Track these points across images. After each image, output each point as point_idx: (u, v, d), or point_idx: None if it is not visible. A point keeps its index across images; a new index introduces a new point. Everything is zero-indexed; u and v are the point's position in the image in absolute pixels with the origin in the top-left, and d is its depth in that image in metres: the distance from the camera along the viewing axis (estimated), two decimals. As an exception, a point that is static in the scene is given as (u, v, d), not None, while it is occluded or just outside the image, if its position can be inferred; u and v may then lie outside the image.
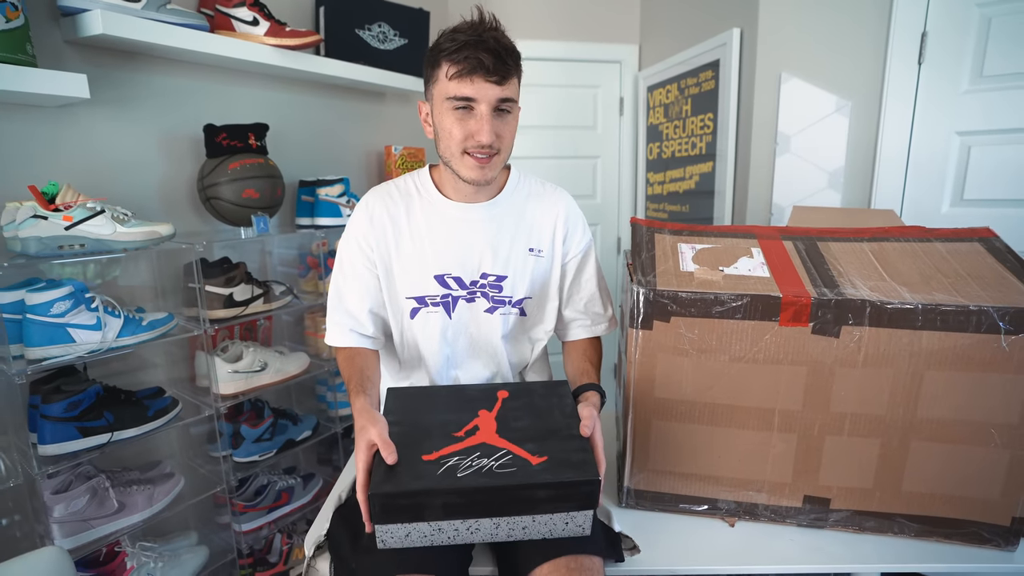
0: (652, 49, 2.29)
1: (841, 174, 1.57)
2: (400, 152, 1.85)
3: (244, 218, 1.38)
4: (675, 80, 2.09)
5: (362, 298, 0.99)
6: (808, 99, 1.58)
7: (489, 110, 0.87)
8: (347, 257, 1.00)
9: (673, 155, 2.16)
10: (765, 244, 0.95)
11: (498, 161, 0.92)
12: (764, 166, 1.68)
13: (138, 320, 1.16)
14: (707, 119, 1.91)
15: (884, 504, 0.85)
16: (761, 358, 0.84)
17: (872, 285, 0.82)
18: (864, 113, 1.52)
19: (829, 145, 1.57)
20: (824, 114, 1.56)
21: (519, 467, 0.71)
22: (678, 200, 2.16)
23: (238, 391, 1.38)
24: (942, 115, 1.40)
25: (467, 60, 0.84)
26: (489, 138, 0.87)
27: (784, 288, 0.83)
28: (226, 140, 1.34)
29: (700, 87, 1.93)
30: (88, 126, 1.20)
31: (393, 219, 0.98)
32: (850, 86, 1.52)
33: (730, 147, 1.79)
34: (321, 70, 1.55)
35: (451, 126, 0.89)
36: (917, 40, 1.40)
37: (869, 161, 1.52)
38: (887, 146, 1.47)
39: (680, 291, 0.83)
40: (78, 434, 1.06)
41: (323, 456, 1.79)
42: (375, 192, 1.02)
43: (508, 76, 0.87)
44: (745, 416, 0.87)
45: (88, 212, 1.06)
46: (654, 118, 2.27)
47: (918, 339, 0.78)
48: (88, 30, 1.08)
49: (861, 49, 1.49)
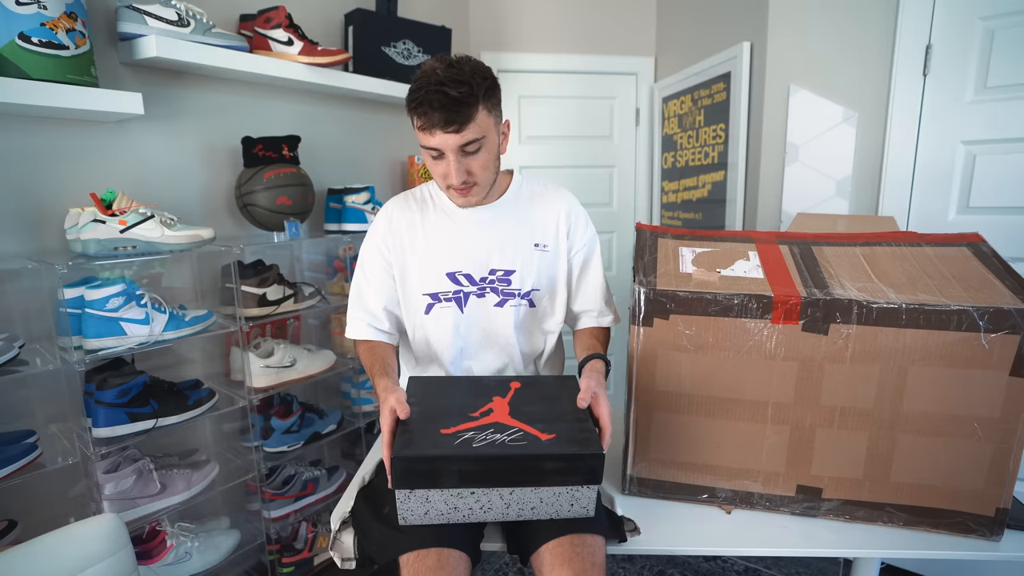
0: (667, 62, 2.35)
1: (849, 183, 1.61)
2: (423, 163, 1.95)
3: (277, 223, 1.48)
4: (689, 92, 2.15)
5: (378, 296, 1.10)
6: (816, 110, 1.62)
7: (455, 155, 0.95)
8: (368, 259, 1.12)
9: (687, 164, 2.22)
10: (762, 248, 1.01)
11: (479, 189, 1.02)
12: (774, 175, 1.73)
13: (181, 316, 1.27)
14: (719, 129, 1.97)
15: (874, 494, 0.90)
16: (755, 354, 0.89)
17: (860, 286, 0.88)
18: (871, 124, 1.56)
19: (837, 155, 1.61)
20: (832, 124, 1.61)
21: (529, 441, 0.79)
22: (691, 208, 2.21)
23: (269, 385, 1.47)
24: (947, 125, 1.44)
25: (424, 116, 0.90)
26: (458, 179, 0.97)
27: (776, 288, 0.89)
28: (262, 151, 1.45)
29: (712, 98, 1.99)
30: (140, 139, 1.33)
31: (409, 223, 1.09)
32: (857, 97, 1.57)
33: (741, 156, 1.84)
34: (350, 85, 1.66)
35: (431, 166, 1.00)
36: (922, 52, 1.44)
37: (876, 170, 1.56)
38: (893, 155, 1.51)
39: (679, 291, 0.90)
40: (127, 419, 1.17)
41: (347, 451, 1.88)
42: (394, 200, 1.14)
43: (465, 122, 0.91)
44: (740, 409, 0.93)
45: (140, 217, 1.18)
46: (669, 128, 2.33)
47: (902, 337, 0.83)
48: (143, 53, 1.20)
49: (867, 61, 1.53)
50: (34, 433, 1.12)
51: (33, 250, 1.18)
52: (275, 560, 1.55)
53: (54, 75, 1.08)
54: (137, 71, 1.30)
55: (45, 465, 1.10)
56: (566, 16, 2.37)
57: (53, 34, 1.07)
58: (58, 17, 1.08)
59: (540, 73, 2.36)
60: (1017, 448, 0.83)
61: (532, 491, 0.80)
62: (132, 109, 1.15)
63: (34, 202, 1.18)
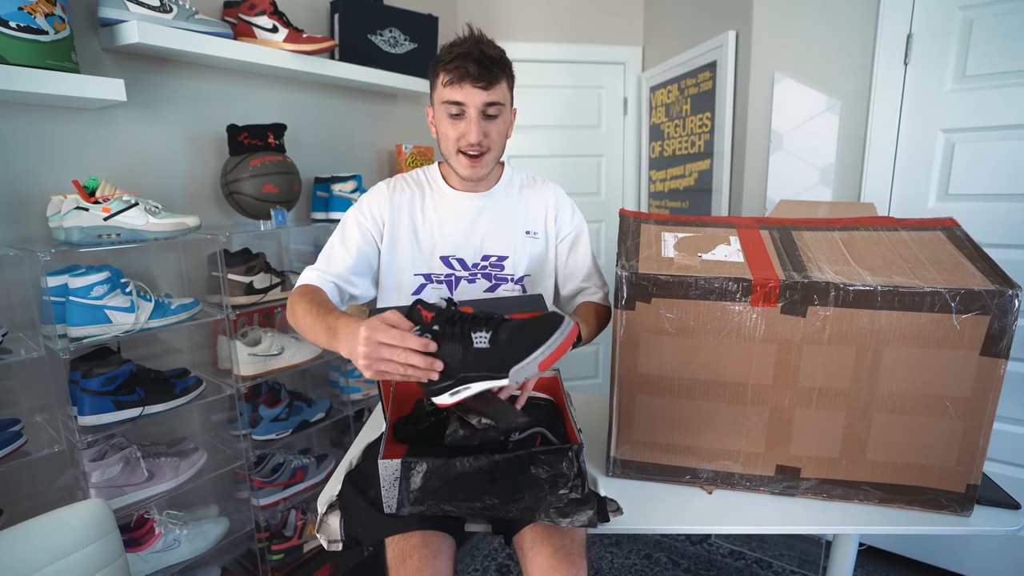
0: (654, 51, 2.36)
1: (832, 170, 1.63)
2: (410, 151, 1.95)
3: (263, 212, 1.48)
4: (676, 81, 2.15)
5: (345, 264, 1.06)
6: (800, 98, 1.63)
7: (477, 113, 0.98)
8: (352, 223, 1.08)
9: (674, 153, 2.23)
10: (743, 233, 1.02)
11: (489, 159, 1.04)
12: (759, 163, 1.74)
13: (167, 304, 1.26)
14: (705, 118, 1.98)
15: (850, 472, 0.92)
16: (735, 336, 0.91)
17: (837, 269, 0.89)
18: (853, 112, 1.57)
19: (820, 142, 1.63)
20: (815, 113, 1.62)
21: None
22: (679, 197, 2.23)
23: (257, 373, 1.47)
24: (927, 113, 1.45)
25: (456, 69, 0.96)
26: (477, 137, 0.99)
27: (755, 272, 0.90)
28: (247, 139, 1.44)
29: (699, 87, 2.00)
30: (123, 126, 1.32)
31: (410, 201, 1.10)
32: (840, 86, 1.58)
33: (727, 145, 1.85)
34: (336, 73, 1.64)
35: (446, 128, 1.02)
36: (903, 42, 1.46)
37: (859, 157, 1.58)
38: (875, 143, 1.53)
39: (660, 274, 0.91)
40: (113, 407, 1.17)
41: (335, 439, 1.89)
42: (393, 179, 1.14)
43: (494, 82, 0.98)
44: (721, 391, 0.94)
45: (124, 204, 1.17)
46: (656, 117, 2.34)
47: (877, 318, 0.85)
48: (125, 39, 1.19)
49: (850, 50, 1.55)
50: (18, 422, 1.11)
51: (15, 238, 1.17)
52: (264, 548, 1.55)
53: (33, 60, 1.06)
54: (119, 57, 1.28)
55: (30, 453, 1.10)
56: (554, 5, 2.36)
57: (32, 19, 1.05)
58: (36, 1, 1.06)
59: (528, 62, 2.35)
60: (987, 426, 0.85)
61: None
62: (114, 96, 1.14)
63: (15, 189, 1.16)
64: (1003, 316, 0.80)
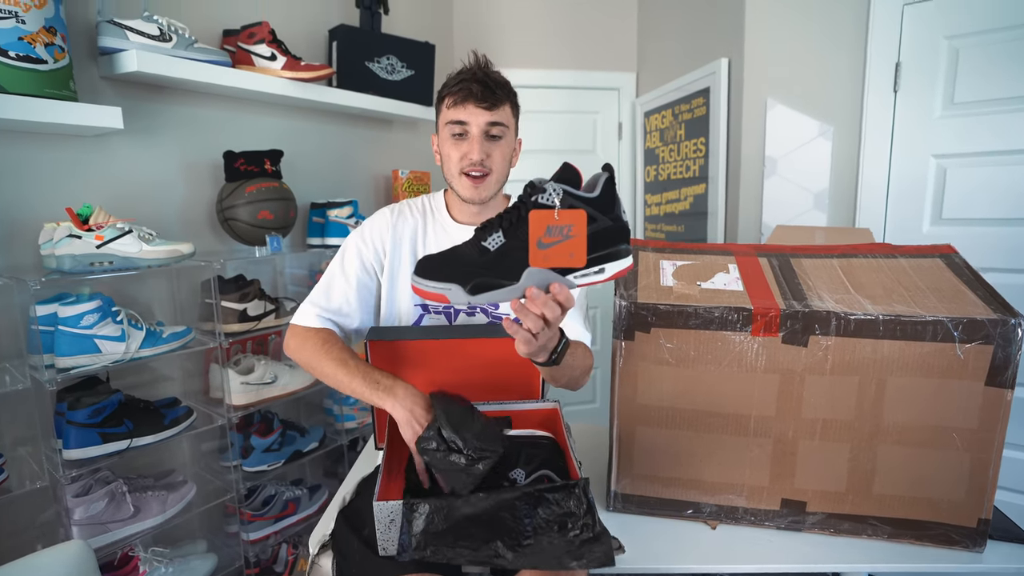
0: (648, 77, 2.39)
1: (826, 195, 1.64)
2: (407, 176, 1.95)
3: (259, 238, 1.46)
4: (670, 106, 2.17)
5: (346, 296, 1.05)
6: (793, 124, 1.65)
7: (480, 132, 0.99)
8: (353, 253, 1.07)
9: (669, 177, 2.23)
10: (741, 260, 1.01)
11: (491, 181, 1.03)
12: (753, 187, 1.75)
13: (158, 333, 1.24)
14: (699, 143, 1.99)
15: (857, 507, 0.90)
16: (736, 366, 0.89)
17: (838, 298, 0.88)
18: (845, 137, 1.59)
19: (814, 167, 1.64)
20: (808, 138, 1.63)
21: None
22: (674, 220, 2.23)
23: (249, 402, 1.44)
24: (918, 139, 1.47)
25: (460, 91, 0.98)
26: (479, 155, 0.98)
27: (756, 301, 0.89)
28: (244, 165, 1.43)
29: (693, 113, 2.01)
30: (120, 153, 1.31)
31: (412, 230, 1.09)
32: (831, 112, 1.60)
33: (721, 170, 1.86)
34: (333, 100, 1.65)
35: (449, 150, 1.02)
36: (892, 70, 1.48)
37: (852, 183, 1.59)
38: (868, 168, 1.54)
39: (659, 304, 0.90)
40: (100, 440, 1.13)
41: (329, 469, 1.84)
42: (396, 206, 1.13)
43: (498, 103, 0.99)
44: (723, 422, 0.92)
45: (117, 232, 1.15)
46: (651, 142, 2.36)
47: (880, 348, 0.84)
48: (124, 67, 1.19)
49: (841, 77, 1.57)
50: (0, 456, 1.08)
51: (5, 266, 1.15)
52: (254, 583, 1.50)
53: (32, 89, 1.05)
54: (117, 85, 1.28)
55: (12, 489, 1.06)
56: (549, 32, 2.39)
57: (31, 48, 1.05)
58: (37, 31, 1.06)
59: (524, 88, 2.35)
60: (996, 458, 0.83)
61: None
62: (111, 123, 1.13)
63: (8, 217, 1.15)
64: (1007, 345, 0.79)
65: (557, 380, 0.93)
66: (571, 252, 0.67)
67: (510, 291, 0.69)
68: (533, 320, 0.69)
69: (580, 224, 0.66)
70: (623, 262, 0.70)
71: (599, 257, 0.68)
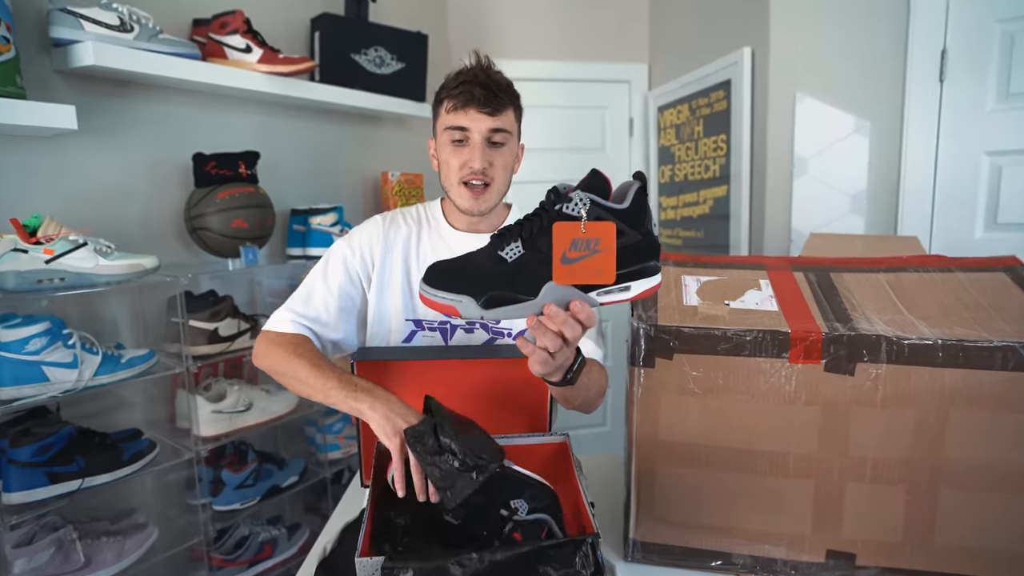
0: (662, 68, 2.35)
1: (863, 197, 1.59)
2: (397, 179, 1.91)
3: (232, 249, 1.42)
4: (686, 100, 2.14)
5: (326, 304, 1.02)
6: (825, 120, 1.61)
7: (481, 139, 0.98)
8: (338, 260, 1.04)
9: (686, 178, 2.20)
10: (774, 276, 0.96)
11: (492, 192, 1.01)
12: (781, 189, 1.70)
13: (117, 357, 1.19)
14: (720, 140, 1.95)
15: (915, 560, 0.84)
16: (771, 398, 0.84)
17: (888, 319, 0.83)
18: (885, 134, 1.55)
19: (849, 167, 1.60)
20: (842, 135, 1.59)
21: None
22: (692, 225, 2.18)
23: (220, 433, 1.39)
24: (969, 135, 1.42)
25: (461, 94, 0.97)
26: (480, 164, 0.98)
27: (793, 322, 0.84)
28: (215, 169, 1.40)
29: (712, 107, 1.98)
30: (76, 156, 1.26)
31: (406, 239, 1.07)
32: (869, 106, 1.56)
33: (745, 170, 1.82)
34: (315, 96, 1.62)
35: (448, 156, 1.01)
36: (937, 57, 1.44)
37: (893, 184, 1.54)
38: (911, 168, 1.50)
39: (683, 326, 0.85)
40: (47, 480, 1.08)
41: (311, 504, 1.79)
42: (389, 213, 1.12)
43: (501, 109, 0.98)
44: (757, 460, 0.87)
45: (70, 245, 1.11)
46: (665, 139, 2.32)
47: (940, 377, 0.78)
48: (79, 61, 1.15)
49: (879, 67, 1.53)
50: (-68, 501, 1.03)
51: (-59, 285, 1.10)
52: (225, 638, 1.44)
53: (-29, 85, 1.01)
54: (73, 81, 1.24)
55: (-55, 539, 1.00)
56: (552, 20, 2.36)
57: (-30, 40, 1.01)
58: (-23, 22, 1.02)
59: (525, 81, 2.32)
60: (1076, 504, 0.77)
61: None
62: (63, 123, 1.09)
63: (-55, 229, 1.10)
64: (1090, 375, 0.74)
65: (571, 402, 0.91)
66: (599, 269, 0.65)
67: (527, 307, 0.67)
68: (551, 339, 0.67)
69: (609, 238, 0.64)
70: (651, 280, 0.68)
71: (626, 274, 0.67)
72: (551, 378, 0.75)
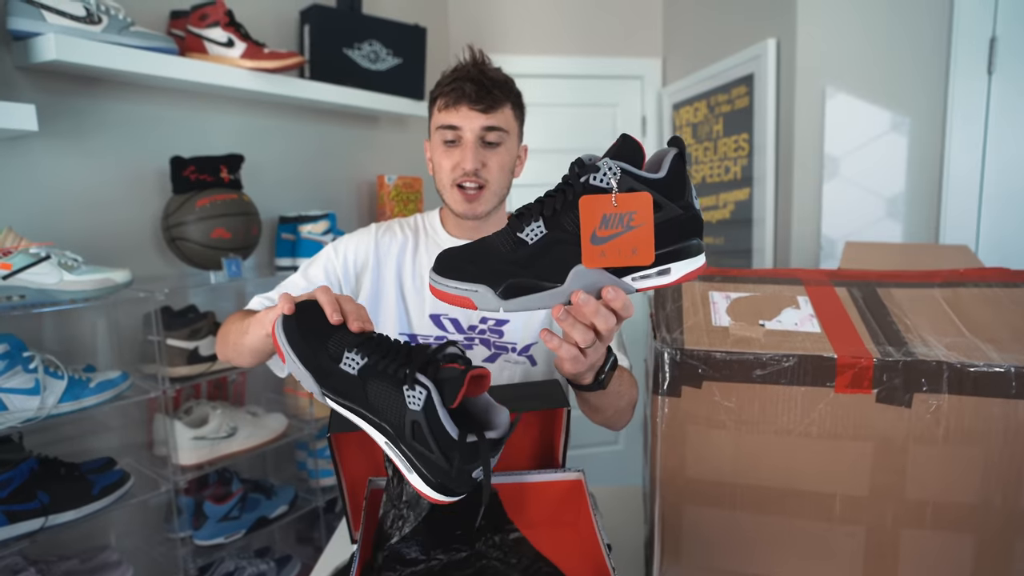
0: (677, 63, 2.30)
1: (901, 201, 1.52)
2: (394, 183, 1.85)
3: (213, 261, 1.36)
4: (704, 97, 2.08)
5: None
6: (858, 116, 1.55)
7: (474, 139, 0.96)
8: (318, 264, 1.03)
9: (704, 181, 2.14)
10: (814, 292, 0.89)
11: (487, 195, 0.99)
12: (809, 193, 1.64)
13: (84, 382, 1.13)
14: (742, 140, 1.89)
15: (982, 618, 0.76)
16: (815, 432, 0.77)
17: (949, 342, 0.76)
18: (926, 130, 1.48)
19: (886, 168, 1.54)
20: (878, 133, 1.54)
21: None
22: (711, 231, 2.12)
23: (202, 461, 1.34)
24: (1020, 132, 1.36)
25: (453, 91, 0.95)
26: (472, 164, 0.95)
27: (839, 346, 0.77)
28: (194, 174, 1.35)
29: (732, 104, 1.92)
30: (39, 161, 1.21)
31: (400, 250, 1.05)
32: (908, 100, 1.49)
33: (769, 171, 1.76)
34: (305, 94, 1.57)
35: (441, 158, 0.99)
36: (985, 46, 1.38)
37: (935, 186, 1.48)
38: (955, 168, 1.43)
39: (713, 351, 0.78)
40: (4, 519, 1.03)
41: (303, 534, 1.73)
42: (386, 223, 1.10)
43: (495, 105, 0.95)
44: (798, 503, 0.80)
45: (30, 259, 1.05)
46: (681, 139, 2.26)
47: (1014, 410, 0.71)
48: (40, 56, 1.09)
49: (919, 57, 1.47)
50: None
51: None
52: None
53: (-80, 84, 0.96)
54: (36, 78, 1.19)
55: None
56: (559, 13, 2.32)
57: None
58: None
59: (531, 78, 2.29)
60: None
61: None
62: (21, 124, 1.03)
63: None
64: None
65: (600, 412, 0.87)
66: (634, 247, 0.58)
67: (552, 295, 0.60)
68: (581, 332, 0.61)
69: (645, 211, 0.57)
70: (695, 261, 0.60)
71: (665, 254, 0.59)
72: (582, 380, 0.71)
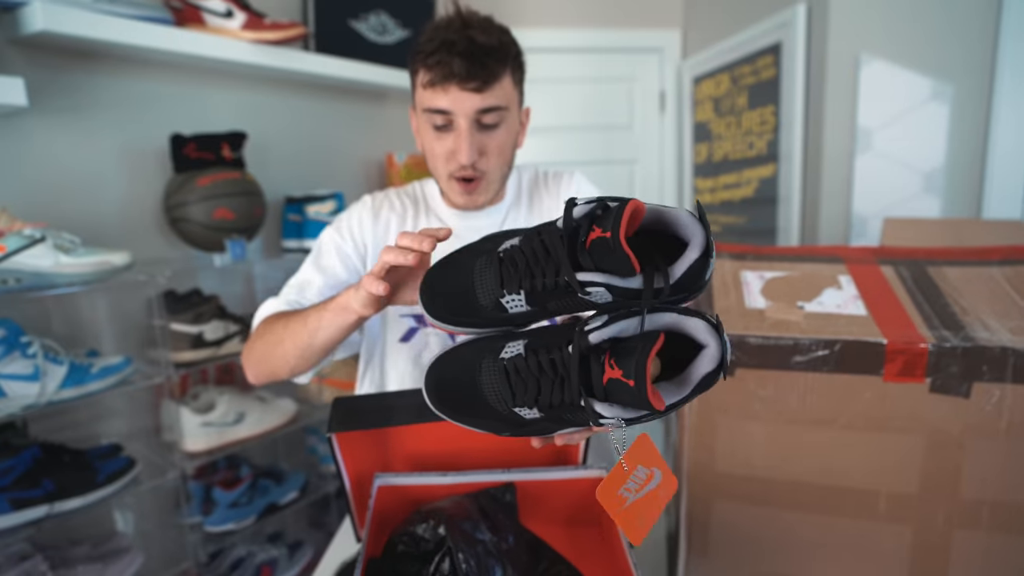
0: (698, 34, 2.20)
1: (940, 175, 1.44)
2: (404, 161, 1.79)
3: (216, 242, 1.32)
4: (727, 69, 1.99)
5: (323, 294, 0.92)
6: (895, 85, 1.46)
7: (469, 124, 0.84)
8: (329, 247, 0.96)
9: (726, 157, 2.06)
10: (856, 271, 0.82)
11: (487, 184, 0.91)
12: (840, 168, 1.56)
13: (86, 367, 1.09)
14: (767, 113, 1.81)
15: (1041, 626, 0.70)
16: (859, 424, 0.72)
17: (1014, 326, 0.69)
18: (969, 99, 1.40)
19: (923, 140, 1.45)
20: (916, 103, 1.45)
21: None
22: (734, 210, 2.04)
23: (210, 447, 1.31)
24: (1073, 99, 1.26)
25: (438, 65, 0.81)
26: (469, 157, 0.84)
27: (889, 330, 0.70)
28: (195, 152, 1.30)
29: (758, 76, 1.83)
30: (31, 139, 1.17)
31: (400, 222, 0.99)
32: (949, 67, 1.40)
33: (797, 146, 1.68)
34: (309, 68, 1.51)
35: (431, 143, 0.88)
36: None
37: (978, 159, 1.39)
38: (1000, 141, 1.35)
39: (747, 335, 0.72)
40: (9, 507, 1.00)
41: (315, 519, 1.71)
42: (379, 193, 1.03)
43: (490, 80, 0.82)
44: (839, 500, 0.75)
45: (25, 241, 1.01)
46: (702, 114, 2.18)
47: (1086, 402, 0.64)
48: (28, 27, 1.04)
49: (962, 21, 1.37)
50: None
51: None
52: (219, 673, 1.36)
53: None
54: (27, 51, 1.14)
55: None
56: (574, -18, 2.22)
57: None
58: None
59: (543, 52, 2.22)
60: None
61: None
62: (9, 99, 0.99)
63: None
64: None
65: None
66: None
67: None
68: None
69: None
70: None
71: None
72: None
